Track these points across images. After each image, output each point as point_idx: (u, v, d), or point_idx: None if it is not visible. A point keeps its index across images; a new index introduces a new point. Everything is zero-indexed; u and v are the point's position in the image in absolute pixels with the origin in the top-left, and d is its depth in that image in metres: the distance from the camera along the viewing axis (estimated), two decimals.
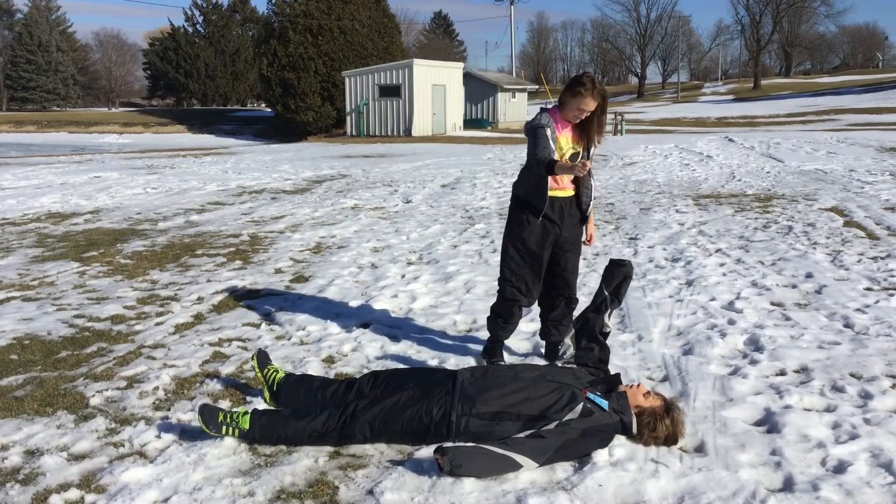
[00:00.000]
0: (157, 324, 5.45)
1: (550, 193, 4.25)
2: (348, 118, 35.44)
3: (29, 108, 64.06)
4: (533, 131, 4.17)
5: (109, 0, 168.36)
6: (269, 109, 45.72)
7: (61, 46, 69.41)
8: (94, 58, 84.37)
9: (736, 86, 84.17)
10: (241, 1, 71.01)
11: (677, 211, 10.21)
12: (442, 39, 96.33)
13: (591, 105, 4.09)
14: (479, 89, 41.34)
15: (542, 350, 4.73)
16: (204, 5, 68.36)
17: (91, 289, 6.51)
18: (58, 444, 3.51)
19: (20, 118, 51.98)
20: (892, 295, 5.81)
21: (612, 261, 4.19)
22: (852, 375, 4.24)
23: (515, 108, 43.26)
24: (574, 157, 4.24)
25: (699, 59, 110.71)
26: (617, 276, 4.09)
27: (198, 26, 68.52)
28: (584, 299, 4.79)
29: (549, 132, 4.14)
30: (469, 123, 38.95)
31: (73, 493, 3.07)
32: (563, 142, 4.21)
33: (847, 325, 5.14)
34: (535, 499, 2.97)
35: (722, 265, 6.95)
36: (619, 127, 32.08)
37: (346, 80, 34.93)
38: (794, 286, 6.18)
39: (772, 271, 6.68)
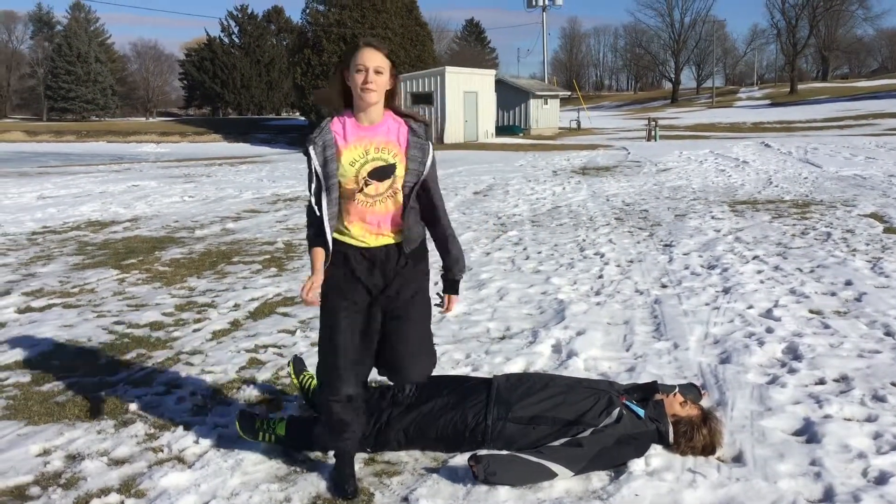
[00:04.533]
0: (195, 330, 5.52)
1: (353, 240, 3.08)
2: None
3: (68, 118, 65.26)
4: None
5: (148, 12, 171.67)
6: (302, 118, 46.14)
7: (100, 57, 70.72)
8: (132, 68, 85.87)
9: (772, 90, 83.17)
10: (276, 11, 71.90)
11: (713, 217, 10.11)
12: (474, 47, 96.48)
13: (370, 58, 2.90)
14: (511, 96, 41.33)
15: None
16: (240, 16, 69.33)
17: (130, 296, 6.62)
18: (98, 449, 3.57)
19: (60, 128, 53.04)
20: None
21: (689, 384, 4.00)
22: (894, 385, 4.16)
23: (548, 115, 43.17)
24: (380, 172, 2.98)
25: (734, 63, 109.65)
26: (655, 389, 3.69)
27: (234, 37, 69.52)
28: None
29: (315, 158, 2.94)
30: (501, 130, 38.93)
31: (114, 498, 3.12)
32: (352, 156, 2.96)
33: (888, 334, 5.04)
34: None
35: (759, 272, 6.87)
36: (654, 132, 31.84)
37: None
38: (834, 294, 6.08)
39: (810, 278, 6.58)
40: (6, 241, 9.61)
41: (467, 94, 34.77)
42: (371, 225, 3.05)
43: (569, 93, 53.69)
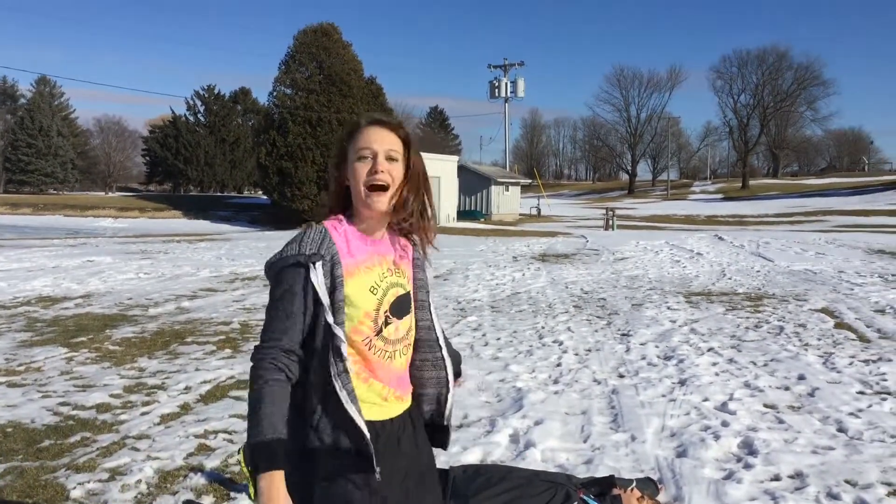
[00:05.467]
0: (143, 413, 5.36)
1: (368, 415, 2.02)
2: None
3: (26, 190, 64.51)
4: (277, 281, 2.03)
5: (113, 88, 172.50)
6: (264, 197, 46.20)
7: (62, 131, 70.44)
8: (94, 143, 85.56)
9: (724, 185, 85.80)
10: (243, 92, 72.73)
11: (669, 308, 10.23)
12: (438, 133, 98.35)
13: (380, 139, 2.05)
14: (473, 182, 42.03)
15: None
16: (206, 95, 69.94)
17: (78, 375, 6.43)
18: None
19: (16, 200, 52.33)
20: (884, 399, 5.78)
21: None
22: (847, 482, 4.18)
23: (509, 201, 43.91)
24: (400, 304, 2.12)
25: (688, 158, 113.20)
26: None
27: (199, 115, 69.93)
28: None
29: (321, 279, 1.97)
30: (463, 215, 39.40)
31: None
32: (370, 280, 2.05)
33: (840, 430, 5.09)
34: None
35: (714, 364, 6.93)
36: (611, 222, 32.50)
37: None
38: (787, 388, 6.15)
39: (764, 372, 6.66)
40: None
41: (430, 178, 35.18)
42: (391, 387, 2.10)
43: (529, 180, 54.77)
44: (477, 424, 5.16)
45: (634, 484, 3.69)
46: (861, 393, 5.99)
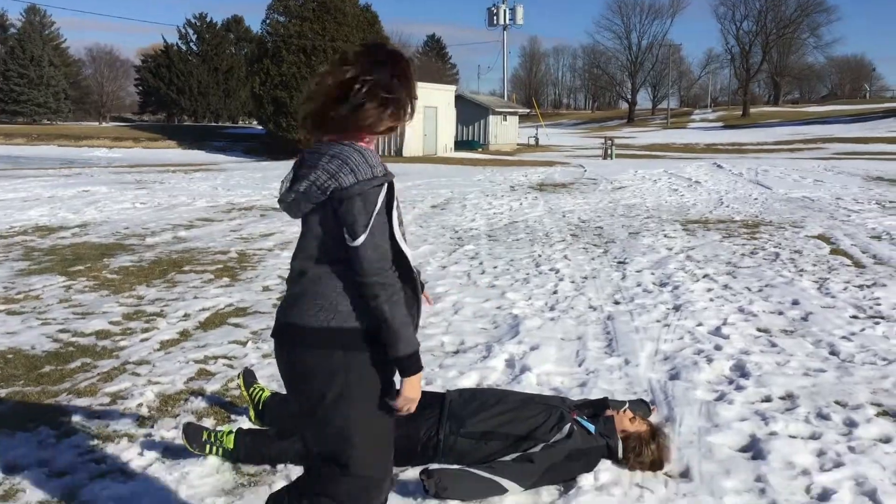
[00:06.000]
0: (143, 340, 5.41)
1: None
2: None
3: (19, 120, 63.78)
4: (370, 202, 2.19)
5: (103, 17, 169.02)
6: (259, 127, 45.77)
7: (53, 61, 69.34)
8: (86, 73, 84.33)
9: (725, 113, 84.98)
10: (236, 20, 71.37)
11: (665, 236, 10.25)
12: (435, 62, 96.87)
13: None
14: (470, 112, 41.57)
15: None
16: (198, 24, 68.58)
17: (76, 303, 6.47)
18: (39, 459, 3.47)
19: (9, 131, 51.78)
20: (877, 323, 5.85)
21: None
22: (837, 403, 4.25)
23: (506, 131, 43.52)
24: None
25: (689, 86, 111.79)
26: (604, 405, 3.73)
27: (191, 44, 68.70)
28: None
29: (395, 213, 2.27)
30: (460, 145, 39.11)
31: None
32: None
33: (833, 353, 5.15)
34: None
35: (709, 290, 6.98)
36: (610, 151, 32.29)
37: None
38: (781, 313, 6.21)
39: (758, 297, 6.71)
40: None
41: (427, 108, 34.84)
42: None
43: (528, 110, 54.20)
44: (473, 350, 5.21)
45: (627, 405, 3.75)
46: (854, 317, 6.06)
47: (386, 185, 2.21)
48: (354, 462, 2.28)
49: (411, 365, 2.25)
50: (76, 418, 3.96)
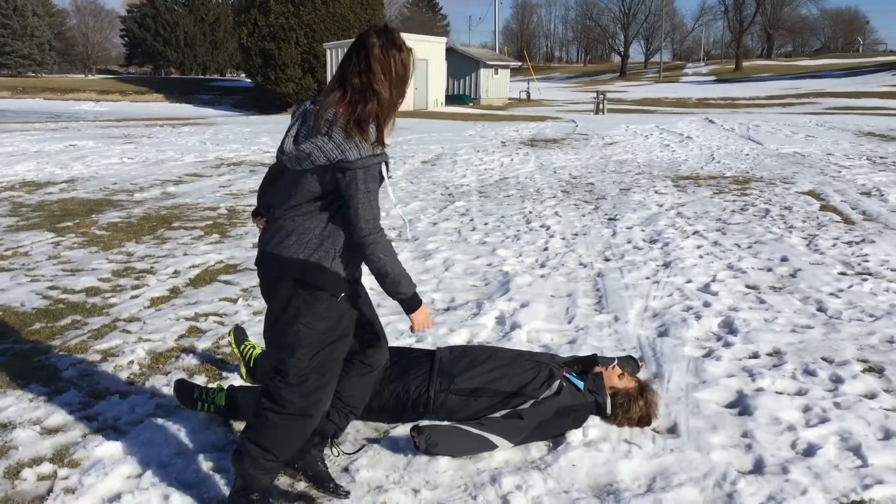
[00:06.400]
0: (133, 297, 5.40)
1: None
2: None
3: (3, 73, 62.75)
4: (370, 176, 2.59)
5: None
6: (248, 80, 45.23)
7: (37, 11, 68.00)
8: (71, 23, 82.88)
9: (718, 67, 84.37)
10: None
11: (656, 192, 10.25)
12: (425, 13, 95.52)
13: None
14: (461, 65, 41.10)
15: None
16: None
17: (66, 260, 6.44)
18: (31, 417, 3.49)
19: None
20: (865, 280, 5.89)
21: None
22: (824, 359, 4.30)
23: (498, 85, 43.09)
24: None
25: (682, 39, 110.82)
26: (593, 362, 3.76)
27: None
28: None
29: (384, 169, 2.67)
30: (451, 99, 38.74)
31: (46, 468, 3.05)
32: None
33: (820, 310, 5.20)
34: (510, 478, 2.99)
35: (699, 247, 7.00)
36: (602, 106, 32.07)
37: (328, 52, 34.57)
38: (770, 269, 6.24)
39: (748, 254, 6.73)
40: None
41: (417, 61, 34.38)
42: None
43: (519, 63, 53.66)
44: (464, 307, 5.23)
45: (616, 362, 3.79)
46: (843, 274, 6.09)
47: (383, 162, 2.63)
48: (293, 371, 2.70)
49: (415, 302, 2.78)
50: (67, 376, 3.97)
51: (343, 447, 3.24)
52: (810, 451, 3.25)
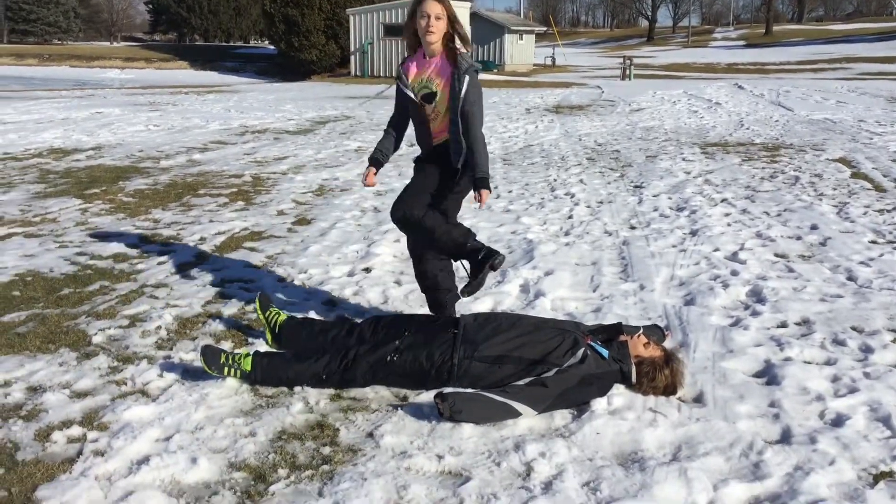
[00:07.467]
0: (160, 263, 5.44)
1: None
2: (353, 58, 34.97)
3: (30, 41, 63.09)
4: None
5: None
6: (271, 47, 45.11)
7: None
8: None
9: (747, 31, 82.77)
10: None
11: (684, 159, 10.12)
12: None
13: (433, 7, 3.69)
14: (485, 30, 40.63)
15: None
16: None
17: (93, 226, 6.50)
18: (60, 381, 3.54)
19: (21, 51, 51.30)
20: None
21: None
22: (853, 329, 4.24)
23: (522, 51, 42.60)
24: (427, 96, 3.84)
25: (711, 2, 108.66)
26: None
27: None
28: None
29: (398, 83, 3.93)
30: None
31: (76, 430, 3.10)
32: (414, 82, 3.88)
33: (850, 278, 5.12)
34: (533, 445, 2.99)
35: (727, 215, 6.91)
36: (628, 71, 31.63)
37: (351, 19, 34.36)
38: (799, 238, 6.15)
39: (777, 222, 6.64)
40: None
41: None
42: (432, 131, 3.93)
43: (545, 28, 52.95)
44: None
45: (641, 330, 3.76)
46: (873, 242, 6.00)
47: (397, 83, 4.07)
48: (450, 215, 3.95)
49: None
50: (96, 340, 4.02)
51: (367, 414, 3.27)
52: (839, 421, 3.21)
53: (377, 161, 4.07)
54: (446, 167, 3.88)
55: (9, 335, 4.06)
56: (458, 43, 3.83)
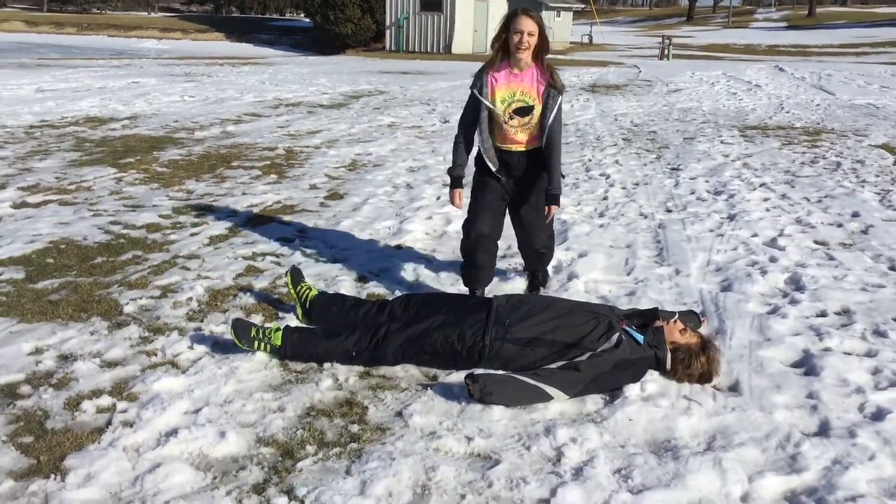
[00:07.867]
0: (192, 234, 5.45)
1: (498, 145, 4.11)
2: (388, 32, 34.76)
3: (69, 9, 63.57)
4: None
5: None
6: (307, 20, 45.00)
7: None
8: None
9: (790, 13, 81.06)
10: None
11: (722, 142, 9.93)
12: None
13: (526, 24, 3.84)
14: (523, 6, 40.16)
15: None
16: None
17: (127, 196, 6.53)
18: (91, 350, 3.55)
19: (61, 19, 51.71)
20: None
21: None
22: (895, 320, 4.12)
23: (560, 28, 42.08)
24: (522, 110, 3.94)
25: None
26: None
27: None
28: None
29: (476, 93, 3.94)
30: None
31: (105, 400, 3.11)
32: (503, 95, 3.93)
33: (892, 268, 4.98)
34: (565, 430, 2.94)
35: (766, 200, 6.77)
36: (667, 51, 31.12)
37: None
38: (840, 225, 6.00)
39: (817, 208, 6.49)
40: (3, 133, 9.45)
41: (478, 2, 33.79)
42: (513, 143, 4.05)
43: (582, 6, 52.20)
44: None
45: (677, 316, 3.68)
46: None
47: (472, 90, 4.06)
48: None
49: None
50: (128, 310, 4.03)
51: (397, 392, 3.24)
52: (879, 415, 3.12)
53: (461, 181, 4.16)
54: (533, 180, 4.08)
55: (41, 302, 4.09)
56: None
